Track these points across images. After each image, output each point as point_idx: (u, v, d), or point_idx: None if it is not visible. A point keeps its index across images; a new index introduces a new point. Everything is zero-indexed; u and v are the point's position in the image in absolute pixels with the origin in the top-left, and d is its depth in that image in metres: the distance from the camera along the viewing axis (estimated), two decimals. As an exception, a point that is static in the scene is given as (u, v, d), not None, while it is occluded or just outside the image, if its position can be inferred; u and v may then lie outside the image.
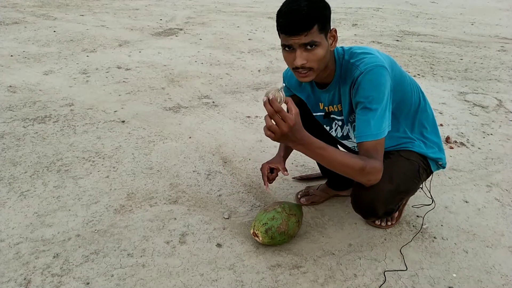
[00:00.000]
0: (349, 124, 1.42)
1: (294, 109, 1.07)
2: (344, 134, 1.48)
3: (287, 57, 1.23)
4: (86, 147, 2.21)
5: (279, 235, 1.46)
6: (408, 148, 1.43)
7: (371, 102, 1.20)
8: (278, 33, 1.22)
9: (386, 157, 1.41)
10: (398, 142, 1.43)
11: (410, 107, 1.41)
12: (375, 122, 1.20)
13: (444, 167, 1.53)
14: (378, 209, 1.34)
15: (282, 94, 1.11)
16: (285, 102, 1.11)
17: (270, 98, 1.07)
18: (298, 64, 1.19)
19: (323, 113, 1.48)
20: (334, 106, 1.41)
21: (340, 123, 1.46)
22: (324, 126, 1.54)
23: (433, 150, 1.47)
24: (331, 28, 1.23)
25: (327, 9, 1.20)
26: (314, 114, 1.53)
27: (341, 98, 1.36)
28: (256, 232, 1.46)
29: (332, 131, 1.52)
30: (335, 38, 1.24)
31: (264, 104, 1.07)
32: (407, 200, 1.72)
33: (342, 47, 1.35)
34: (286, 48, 1.21)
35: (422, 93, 1.47)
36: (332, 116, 1.46)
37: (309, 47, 1.18)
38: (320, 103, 1.46)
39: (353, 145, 1.52)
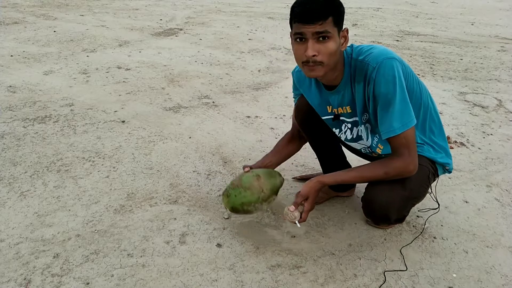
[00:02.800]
0: (362, 125, 1.39)
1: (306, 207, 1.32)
2: (354, 136, 1.46)
3: (298, 49, 1.21)
4: (86, 147, 2.21)
5: (233, 190, 1.44)
6: (418, 152, 1.38)
7: (389, 96, 1.18)
8: (291, 24, 1.21)
9: None
10: None
11: (420, 109, 1.37)
12: (397, 115, 1.19)
13: (450, 172, 1.51)
14: (391, 215, 1.33)
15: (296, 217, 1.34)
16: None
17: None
18: (310, 54, 1.16)
19: (332, 116, 1.46)
20: (344, 107, 1.39)
21: (349, 125, 1.44)
22: (333, 129, 1.52)
23: (441, 155, 1.44)
24: (344, 27, 1.23)
25: (342, 6, 1.22)
26: (322, 117, 1.50)
27: (355, 98, 1.33)
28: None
29: (341, 134, 1.49)
30: (346, 38, 1.24)
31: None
32: None
33: (350, 45, 1.33)
34: (298, 39, 1.19)
35: (431, 96, 1.43)
36: (341, 118, 1.44)
37: (321, 39, 1.16)
38: (328, 106, 1.44)
39: (362, 147, 1.49)
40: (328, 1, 1.16)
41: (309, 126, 1.60)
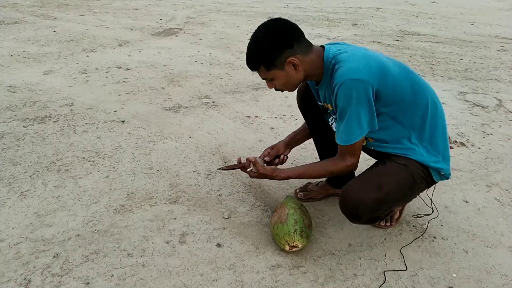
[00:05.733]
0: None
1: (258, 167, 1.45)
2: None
3: None
4: (86, 147, 2.21)
5: (310, 230, 1.51)
6: (408, 155, 1.37)
7: (342, 112, 1.28)
8: None
9: (381, 163, 1.40)
10: (400, 145, 1.38)
11: (416, 111, 1.35)
12: (344, 130, 1.30)
13: (447, 178, 1.46)
14: (361, 215, 1.32)
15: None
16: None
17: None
18: (270, 88, 1.42)
19: (321, 107, 1.54)
20: (327, 104, 1.46)
21: (333, 120, 1.49)
22: (326, 118, 1.57)
23: (436, 159, 1.39)
24: (286, 59, 1.29)
25: (268, 48, 1.28)
26: (318, 103, 1.56)
27: (331, 98, 1.38)
28: (294, 244, 1.44)
29: (331, 124, 1.55)
30: (296, 64, 1.31)
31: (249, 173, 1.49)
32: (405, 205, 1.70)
33: (336, 47, 1.35)
34: None
35: (435, 97, 1.41)
36: (328, 112, 1.50)
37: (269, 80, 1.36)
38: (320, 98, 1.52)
39: None
40: (253, 54, 1.31)
41: (307, 109, 1.67)
